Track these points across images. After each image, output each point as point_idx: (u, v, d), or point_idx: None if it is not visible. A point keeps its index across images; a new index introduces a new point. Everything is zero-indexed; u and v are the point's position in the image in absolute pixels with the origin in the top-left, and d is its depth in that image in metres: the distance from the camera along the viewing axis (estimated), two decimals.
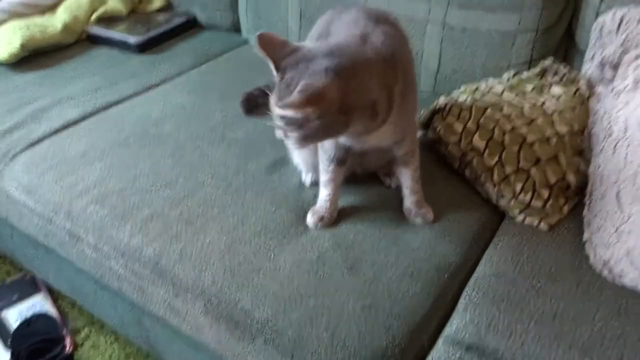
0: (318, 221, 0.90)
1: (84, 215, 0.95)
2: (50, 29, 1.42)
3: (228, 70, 1.40)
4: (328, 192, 0.89)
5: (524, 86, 1.07)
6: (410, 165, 0.89)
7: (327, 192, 0.89)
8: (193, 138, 1.12)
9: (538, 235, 0.89)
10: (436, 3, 1.18)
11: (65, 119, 1.18)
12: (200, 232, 0.90)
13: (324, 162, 0.88)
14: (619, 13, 1.01)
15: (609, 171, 0.83)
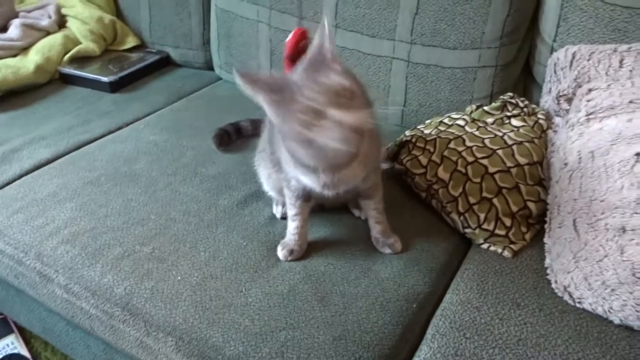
0: (288, 254, 0.91)
1: (54, 255, 0.95)
2: (22, 70, 1.43)
3: (201, 107, 1.43)
4: (296, 225, 0.91)
5: (485, 119, 1.12)
6: (374, 197, 0.91)
7: (295, 225, 0.91)
8: (165, 175, 1.13)
9: (502, 262, 0.91)
10: (400, 42, 1.23)
11: (36, 159, 1.18)
12: (171, 269, 0.90)
13: (291, 198, 0.90)
14: (570, 50, 1.07)
15: (566, 200, 0.86)
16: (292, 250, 0.91)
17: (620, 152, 0.83)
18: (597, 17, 1.07)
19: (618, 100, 0.94)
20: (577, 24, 1.10)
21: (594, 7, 1.07)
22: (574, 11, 1.10)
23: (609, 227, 0.78)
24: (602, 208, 0.80)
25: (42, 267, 0.96)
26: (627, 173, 0.80)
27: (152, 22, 1.65)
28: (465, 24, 1.17)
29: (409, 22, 1.22)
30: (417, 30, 1.22)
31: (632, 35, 1.04)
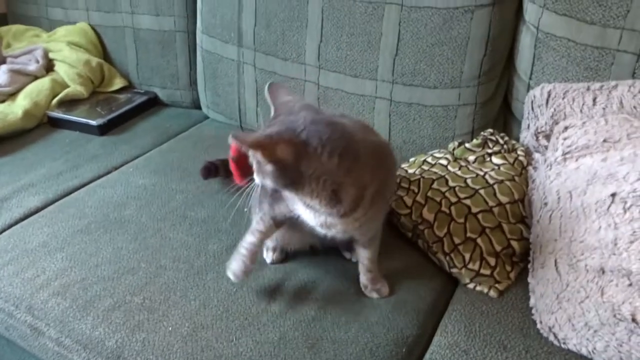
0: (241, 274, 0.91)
1: (45, 308, 0.95)
2: (10, 116, 1.44)
3: (189, 147, 1.45)
4: (252, 240, 0.91)
5: (467, 156, 1.15)
6: (370, 248, 0.92)
7: (251, 240, 0.91)
8: (154, 220, 1.14)
9: (489, 302, 0.93)
10: (382, 82, 1.27)
11: (26, 207, 1.19)
12: (162, 320, 0.91)
13: (265, 213, 0.90)
14: (546, 88, 1.11)
15: (547, 240, 0.89)
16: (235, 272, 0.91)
17: (597, 193, 0.86)
18: (569, 57, 1.11)
19: (593, 138, 0.97)
20: (550, 62, 1.14)
21: (566, 47, 1.11)
22: (548, 51, 1.14)
23: (589, 268, 0.80)
24: (582, 249, 0.83)
25: (33, 320, 0.96)
26: (604, 214, 0.83)
27: (139, 64, 1.67)
28: (444, 64, 1.21)
29: (390, 63, 1.25)
30: (397, 70, 1.25)
31: (603, 74, 1.08)
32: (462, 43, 1.18)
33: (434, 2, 1.17)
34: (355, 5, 1.25)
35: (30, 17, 1.84)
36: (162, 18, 1.59)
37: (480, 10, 1.15)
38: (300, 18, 1.33)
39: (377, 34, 1.25)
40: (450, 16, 1.17)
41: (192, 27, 1.58)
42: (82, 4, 1.70)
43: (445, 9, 1.17)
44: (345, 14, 1.27)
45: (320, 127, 0.74)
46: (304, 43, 1.35)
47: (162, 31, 1.60)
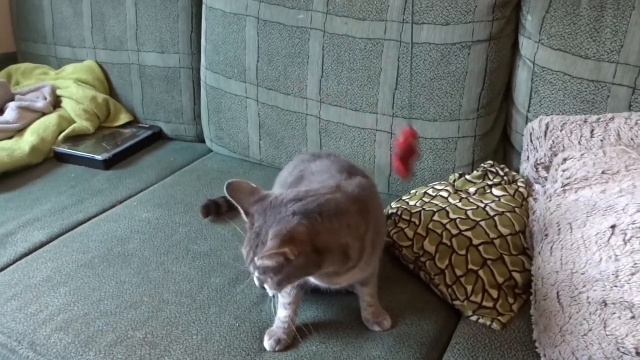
0: (276, 345, 0.90)
1: (47, 344, 0.95)
2: (17, 152, 1.46)
3: (192, 181, 1.46)
4: (288, 313, 0.91)
5: (468, 188, 1.16)
6: (370, 285, 0.93)
7: (287, 313, 0.91)
8: (158, 254, 1.15)
9: (492, 335, 0.93)
10: (382, 115, 1.29)
11: (31, 242, 1.20)
12: (164, 355, 0.91)
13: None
14: (544, 121, 1.13)
15: (548, 272, 0.89)
16: (279, 340, 0.90)
17: (597, 225, 0.87)
18: (566, 90, 1.13)
19: (592, 170, 0.98)
20: (548, 96, 1.16)
21: (563, 81, 1.13)
22: (544, 84, 1.16)
23: (591, 301, 0.80)
24: (583, 281, 0.83)
25: (35, 357, 0.95)
26: (605, 246, 0.83)
27: (144, 100, 1.71)
28: (443, 98, 1.23)
29: (390, 97, 1.28)
30: (397, 104, 1.27)
31: (600, 107, 1.10)
32: (460, 77, 1.21)
33: (432, 39, 1.21)
34: (355, 42, 1.29)
35: (39, 56, 1.88)
36: (168, 55, 1.63)
37: (478, 45, 1.18)
38: (301, 54, 1.37)
39: (377, 69, 1.28)
40: (448, 52, 1.20)
41: (196, 64, 1.62)
42: (89, 42, 1.75)
43: (443, 44, 1.20)
44: (346, 51, 1.30)
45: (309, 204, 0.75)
46: (306, 78, 1.38)
47: (167, 68, 1.64)
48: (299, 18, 1.35)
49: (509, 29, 1.20)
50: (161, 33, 1.62)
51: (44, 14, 1.81)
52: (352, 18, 1.28)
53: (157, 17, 1.61)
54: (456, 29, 1.19)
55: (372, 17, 1.26)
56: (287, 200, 0.76)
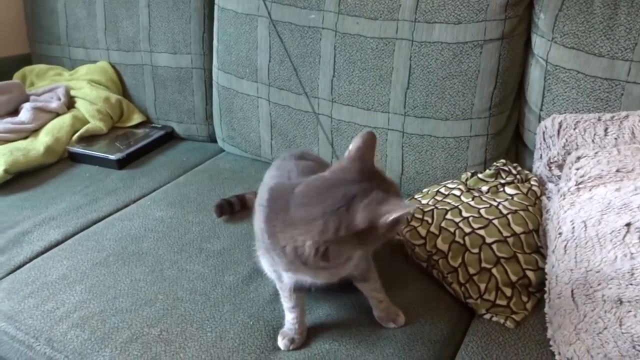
0: (290, 344, 0.91)
1: (64, 340, 0.96)
2: (32, 152, 1.48)
3: (205, 180, 1.47)
4: (294, 315, 0.91)
5: (480, 186, 1.15)
6: (370, 279, 0.93)
7: (293, 315, 0.91)
8: (171, 252, 1.16)
9: (505, 333, 0.93)
10: (394, 114, 1.29)
11: (47, 241, 1.21)
12: (179, 352, 0.91)
13: (285, 291, 0.91)
14: (557, 119, 1.12)
15: (562, 270, 0.89)
16: (293, 339, 0.91)
17: (611, 223, 0.86)
18: (579, 88, 1.13)
19: (606, 169, 0.98)
20: (561, 94, 1.16)
21: (576, 79, 1.13)
22: (557, 82, 1.16)
23: (606, 299, 0.80)
24: (598, 279, 0.82)
25: (52, 353, 0.97)
26: (620, 244, 0.83)
27: (157, 100, 1.72)
28: (455, 96, 1.23)
29: (401, 96, 1.28)
30: (409, 103, 1.28)
31: (614, 104, 1.09)
32: (472, 76, 1.21)
33: (444, 37, 1.21)
34: (367, 42, 1.29)
35: (52, 57, 1.91)
36: (180, 56, 1.64)
37: (490, 44, 1.17)
38: (313, 54, 1.37)
39: (388, 68, 1.28)
40: (460, 50, 1.20)
41: (208, 64, 1.63)
42: (102, 44, 1.77)
43: (455, 43, 1.20)
44: (357, 50, 1.31)
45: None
46: (317, 78, 1.38)
47: (180, 68, 1.65)
48: (311, 18, 1.36)
49: (521, 27, 1.20)
50: (173, 34, 1.63)
51: (57, 16, 1.83)
52: (364, 17, 1.29)
53: (170, 18, 1.62)
54: (468, 28, 1.18)
55: (383, 16, 1.26)
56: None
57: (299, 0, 1.36)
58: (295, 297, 0.91)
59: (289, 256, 0.77)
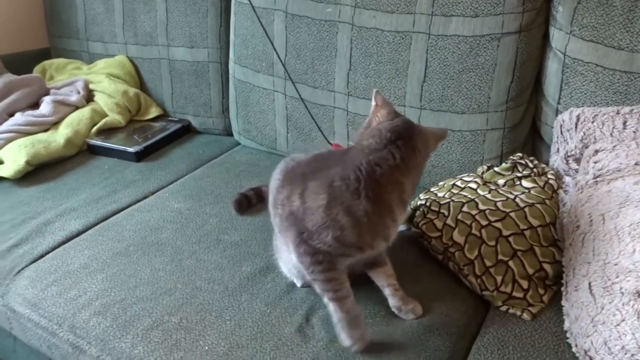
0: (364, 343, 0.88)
1: (87, 327, 0.98)
2: (53, 144, 1.51)
3: (221, 173, 1.49)
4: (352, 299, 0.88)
5: (497, 180, 1.16)
6: (387, 264, 0.94)
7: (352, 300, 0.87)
8: (190, 243, 1.18)
9: (522, 325, 0.93)
10: (410, 108, 1.30)
11: (68, 231, 1.24)
12: (199, 339, 0.93)
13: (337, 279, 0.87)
14: (575, 112, 1.12)
15: (580, 263, 0.89)
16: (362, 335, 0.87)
17: (630, 216, 0.86)
18: (597, 81, 1.12)
19: (624, 162, 0.97)
20: (579, 87, 1.15)
21: (594, 72, 1.12)
22: (575, 76, 1.15)
23: (624, 291, 0.80)
24: (616, 272, 0.82)
25: (75, 339, 0.99)
26: (638, 236, 0.83)
27: (173, 94, 1.74)
28: (472, 90, 1.23)
29: (418, 89, 1.28)
30: (425, 96, 1.28)
31: (633, 98, 1.09)
32: (489, 70, 1.21)
33: (461, 30, 1.21)
34: (383, 35, 1.30)
35: (71, 51, 1.94)
36: (197, 50, 1.66)
37: (507, 37, 1.17)
38: (329, 48, 1.38)
39: (404, 61, 1.28)
40: (477, 44, 1.20)
41: (224, 58, 1.64)
42: (120, 38, 1.79)
43: (472, 36, 1.20)
44: (374, 43, 1.31)
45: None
46: (333, 71, 1.39)
47: (196, 62, 1.67)
48: (327, 12, 1.36)
49: (539, 20, 1.19)
50: (190, 28, 1.64)
51: (76, 10, 1.85)
52: (380, 11, 1.29)
53: (187, 12, 1.64)
54: (485, 21, 1.18)
55: (400, 9, 1.27)
56: None
57: None
58: (346, 278, 0.87)
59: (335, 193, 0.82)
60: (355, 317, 0.87)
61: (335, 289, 0.87)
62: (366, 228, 0.83)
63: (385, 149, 0.83)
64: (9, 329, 1.13)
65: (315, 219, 0.83)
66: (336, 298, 0.87)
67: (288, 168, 0.94)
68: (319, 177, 0.85)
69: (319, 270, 0.86)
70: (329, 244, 0.83)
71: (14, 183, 1.43)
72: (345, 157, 0.86)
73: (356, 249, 0.86)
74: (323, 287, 0.87)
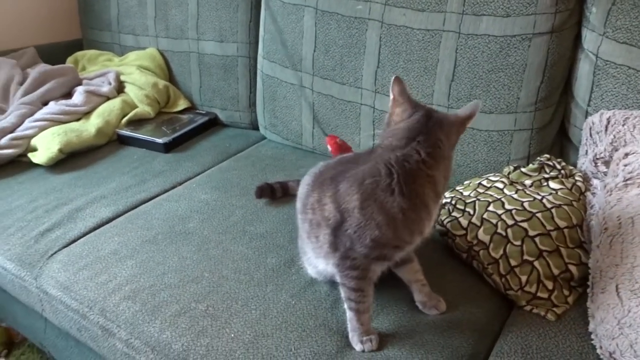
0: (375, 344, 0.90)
1: (116, 311, 1.01)
2: (85, 133, 1.55)
3: (247, 166, 1.51)
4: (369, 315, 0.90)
5: (523, 180, 1.15)
6: (415, 259, 0.95)
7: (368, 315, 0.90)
8: (216, 233, 1.20)
9: (546, 325, 0.93)
10: (437, 106, 1.30)
11: (99, 218, 1.27)
12: (225, 327, 0.95)
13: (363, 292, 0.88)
14: (605, 115, 1.11)
15: (607, 266, 0.89)
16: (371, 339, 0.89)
17: None
18: (629, 84, 1.11)
19: None
20: (610, 90, 1.14)
21: (627, 75, 1.11)
22: (607, 78, 1.14)
23: None
24: None
25: (105, 322, 1.02)
26: None
27: (202, 87, 1.77)
28: (500, 90, 1.23)
29: (446, 88, 1.28)
30: (453, 95, 1.28)
31: None
32: (519, 70, 1.20)
33: (491, 30, 1.21)
34: (413, 33, 1.30)
35: (103, 43, 1.98)
36: (226, 44, 1.68)
37: (538, 38, 1.17)
38: (358, 45, 1.39)
39: (433, 60, 1.29)
40: (507, 44, 1.20)
41: (253, 53, 1.67)
42: (152, 31, 1.82)
43: (503, 36, 1.20)
44: (403, 41, 1.32)
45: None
46: (361, 68, 1.40)
47: (225, 56, 1.69)
48: (357, 9, 1.37)
49: (571, 21, 1.19)
50: (221, 22, 1.67)
51: (109, 3, 1.89)
52: (411, 9, 1.29)
53: (218, 7, 1.66)
54: (517, 21, 1.18)
55: (430, 8, 1.27)
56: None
57: None
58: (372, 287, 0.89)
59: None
60: (368, 330, 0.90)
61: (357, 300, 0.89)
62: (402, 224, 0.83)
63: (407, 146, 0.82)
64: (41, 310, 1.17)
65: (352, 221, 0.84)
66: (356, 309, 0.90)
67: (317, 173, 0.96)
68: (349, 177, 0.87)
69: (352, 276, 0.88)
70: (368, 245, 0.84)
71: (46, 170, 1.47)
72: (372, 156, 0.87)
73: (393, 248, 0.86)
74: (348, 295, 0.90)
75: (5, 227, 1.25)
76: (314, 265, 1.00)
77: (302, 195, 0.97)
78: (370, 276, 0.89)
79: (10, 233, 1.23)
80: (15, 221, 1.26)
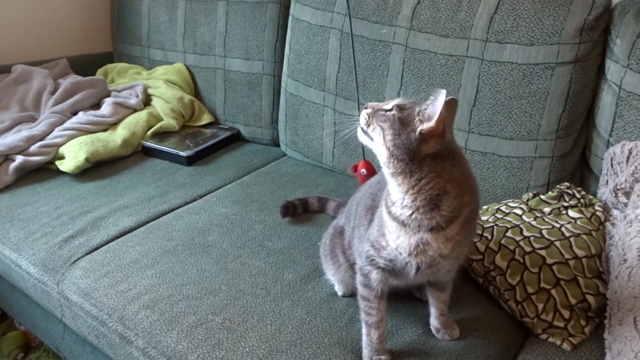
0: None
1: (135, 319, 1.03)
2: (111, 143, 1.59)
3: (268, 182, 1.53)
4: (380, 333, 0.89)
5: (542, 207, 1.16)
6: (447, 290, 0.94)
7: (379, 333, 0.89)
8: (235, 247, 1.22)
9: (561, 355, 0.93)
10: (458, 130, 1.31)
11: (121, 227, 1.30)
12: (240, 340, 0.96)
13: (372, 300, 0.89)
14: (627, 146, 1.11)
15: (626, 297, 0.88)
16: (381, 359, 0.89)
17: None
18: None
19: None
20: (632, 121, 1.15)
21: None
22: (630, 109, 1.15)
23: None
24: None
25: (123, 330, 1.04)
26: None
27: (226, 102, 1.81)
28: (522, 117, 1.24)
29: (467, 113, 1.30)
30: (474, 120, 1.29)
31: None
32: (541, 98, 1.21)
33: (515, 58, 1.22)
34: (436, 58, 1.32)
35: (133, 57, 2.04)
36: (252, 62, 1.72)
37: (562, 67, 1.18)
38: (382, 67, 1.41)
39: (456, 85, 1.30)
40: (530, 71, 1.21)
41: (278, 71, 1.70)
42: (180, 46, 1.87)
43: (526, 64, 1.21)
44: (426, 65, 1.34)
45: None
46: (384, 90, 1.42)
47: (251, 74, 1.73)
48: (382, 32, 1.40)
49: (595, 51, 1.20)
50: (247, 41, 1.71)
51: (141, 18, 1.95)
52: (435, 34, 1.32)
53: (245, 26, 1.71)
54: (540, 50, 1.19)
55: (455, 34, 1.29)
56: None
57: (372, 15, 1.41)
58: (382, 306, 0.89)
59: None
60: (380, 349, 0.90)
61: (365, 310, 0.90)
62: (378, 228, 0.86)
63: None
64: (61, 316, 1.19)
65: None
66: (365, 321, 0.91)
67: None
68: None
69: (359, 281, 0.91)
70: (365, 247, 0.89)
71: (73, 178, 1.51)
72: None
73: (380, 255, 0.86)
74: (359, 303, 0.92)
75: (31, 232, 1.28)
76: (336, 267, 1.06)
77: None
78: (375, 287, 0.88)
79: (35, 238, 1.26)
80: (41, 227, 1.30)
